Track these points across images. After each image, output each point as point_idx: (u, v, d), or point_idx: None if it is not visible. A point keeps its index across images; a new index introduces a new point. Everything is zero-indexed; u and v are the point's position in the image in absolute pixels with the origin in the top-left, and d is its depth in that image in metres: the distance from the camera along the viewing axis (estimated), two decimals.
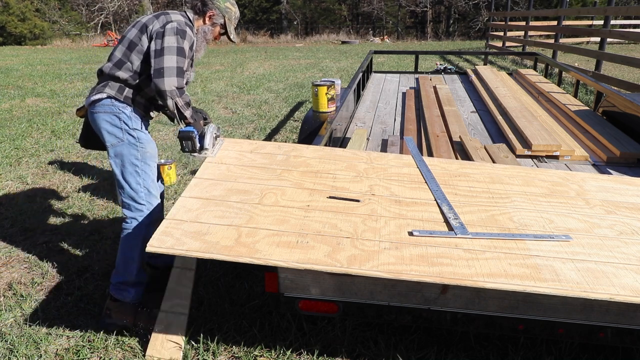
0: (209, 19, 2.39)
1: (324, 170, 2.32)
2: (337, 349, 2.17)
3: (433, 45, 19.70)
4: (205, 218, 1.85)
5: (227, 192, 2.06)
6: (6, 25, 23.49)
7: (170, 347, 2.16)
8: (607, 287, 1.55)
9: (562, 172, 2.53)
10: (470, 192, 2.19)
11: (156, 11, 2.25)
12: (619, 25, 15.23)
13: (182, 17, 2.30)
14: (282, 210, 1.93)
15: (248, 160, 2.37)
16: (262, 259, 1.63)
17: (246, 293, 2.61)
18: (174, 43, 2.17)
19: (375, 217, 1.92)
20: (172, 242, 1.70)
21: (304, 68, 12.15)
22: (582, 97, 6.81)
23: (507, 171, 2.47)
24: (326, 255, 1.66)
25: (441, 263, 1.64)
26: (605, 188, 2.34)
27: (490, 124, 3.88)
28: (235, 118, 6.82)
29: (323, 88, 3.39)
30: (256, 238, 1.74)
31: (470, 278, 1.56)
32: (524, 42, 11.80)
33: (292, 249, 1.69)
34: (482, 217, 1.97)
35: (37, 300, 2.61)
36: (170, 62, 2.14)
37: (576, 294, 1.53)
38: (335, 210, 1.96)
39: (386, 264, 1.63)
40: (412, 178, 2.31)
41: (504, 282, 1.55)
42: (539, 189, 2.29)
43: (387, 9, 29.17)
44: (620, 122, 3.53)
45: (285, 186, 2.13)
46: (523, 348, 2.14)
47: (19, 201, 3.96)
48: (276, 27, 29.50)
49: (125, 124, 2.27)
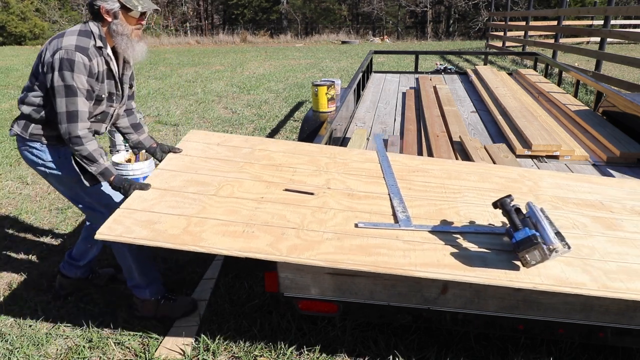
0: (107, 14, 2.01)
1: (286, 163, 2.36)
2: (337, 349, 2.18)
3: (433, 45, 19.70)
4: (159, 208, 1.89)
5: (186, 183, 2.09)
6: (6, 25, 23.48)
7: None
8: (533, 277, 1.59)
9: (522, 170, 2.58)
10: (425, 187, 2.24)
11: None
12: (619, 25, 15.22)
13: (78, 36, 1.99)
14: (236, 202, 1.97)
15: (213, 153, 2.40)
16: (205, 247, 1.67)
17: (246, 293, 2.61)
18: (60, 82, 1.93)
19: (325, 209, 1.96)
20: (121, 230, 1.74)
21: (304, 68, 12.14)
22: (582, 97, 6.80)
23: (466, 167, 2.53)
24: (268, 245, 1.70)
25: (378, 253, 1.68)
26: (560, 185, 2.39)
27: (490, 124, 3.88)
28: (235, 118, 6.82)
29: (323, 88, 3.39)
30: (204, 227, 1.77)
31: (402, 267, 1.61)
32: (524, 42, 11.80)
33: (236, 238, 1.72)
34: (430, 210, 2.02)
35: (37, 300, 2.61)
36: (61, 106, 1.96)
37: (502, 283, 1.57)
38: (287, 203, 1.99)
39: (325, 253, 1.67)
40: (371, 173, 2.34)
41: (434, 272, 1.60)
42: (493, 184, 2.34)
43: (387, 9, 29.16)
44: (620, 122, 3.53)
45: (244, 178, 2.18)
46: (523, 348, 2.14)
47: (19, 201, 3.96)
48: (276, 27, 29.49)
49: (40, 159, 2.16)
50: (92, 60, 1.99)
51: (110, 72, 2.11)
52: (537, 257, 1.57)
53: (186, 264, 2.95)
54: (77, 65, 1.94)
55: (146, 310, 2.41)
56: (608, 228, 1.96)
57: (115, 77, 2.14)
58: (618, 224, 2.01)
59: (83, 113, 2.00)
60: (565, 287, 1.55)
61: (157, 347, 2.21)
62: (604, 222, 2.01)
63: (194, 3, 31.32)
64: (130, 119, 2.40)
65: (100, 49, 2.04)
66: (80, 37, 1.99)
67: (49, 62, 1.96)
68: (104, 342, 2.27)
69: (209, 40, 24.58)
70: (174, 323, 2.37)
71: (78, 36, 1.99)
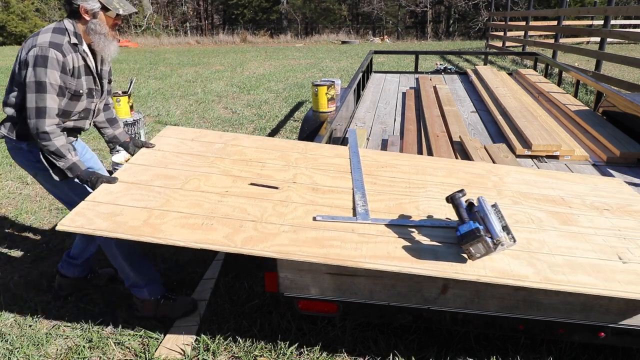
0: (86, 13, 2.04)
1: (256, 159, 2.38)
2: (337, 349, 2.18)
3: (433, 45, 19.70)
4: (123, 200, 1.90)
5: (154, 177, 2.11)
6: (6, 25, 23.50)
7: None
8: (478, 269, 1.61)
9: (490, 165, 2.61)
10: (390, 182, 2.26)
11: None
12: (619, 25, 15.23)
13: (52, 33, 2.02)
14: (200, 195, 1.99)
15: (186, 148, 2.42)
16: (162, 239, 1.69)
17: (246, 293, 2.61)
18: (32, 78, 1.96)
19: (287, 203, 1.98)
20: (83, 222, 1.75)
21: (304, 68, 12.15)
22: (582, 97, 6.80)
23: (434, 163, 2.55)
24: (224, 237, 1.71)
25: (331, 245, 1.69)
26: (525, 181, 2.42)
27: (490, 124, 3.88)
28: (235, 118, 6.82)
29: (323, 88, 3.39)
30: (165, 220, 1.79)
31: (352, 259, 1.63)
32: (524, 42, 11.80)
33: (195, 230, 1.74)
34: (390, 205, 2.03)
35: (37, 300, 2.61)
36: (30, 101, 1.98)
37: (447, 275, 1.59)
38: (251, 196, 2.01)
39: (279, 245, 1.68)
40: (339, 168, 2.36)
41: (383, 264, 1.62)
42: (459, 180, 2.36)
43: (387, 9, 29.16)
44: (620, 122, 3.53)
45: (212, 173, 2.19)
46: (523, 348, 2.14)
47: (19, 201, 3.96)
48: (276, 27, 29.49)
49: (28, 159, 2.18)
50: (66, 56, 2.01)
51: (87, 68, 2.14)
52: (482, 250, 1.60)
53: (186, 264, 2.95)
54: (51, 61, 1.96)
55: (146, 310, 2.41)
56: (563, 223, 1.99)
57: (93, 72, 2.17)
58: (574, 219, 2.04)
59: (52, 109, 2.01)
60: (508, 280, 1.57)
61: (157, 347, 2.21)
62: (560, 217, 2.04)
63: (194, 3, 31.32)
64: (106, 114, 2.42)
65: (75, 45, 2.07)
66: (54, 34, 2.02)
67: (24, 59, 1.99)
68: (104, 342, 2.27)
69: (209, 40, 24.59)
70: (174, 323, 2.37)
71: (52, 33, 2.02)
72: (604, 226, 1.99)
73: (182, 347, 2.19)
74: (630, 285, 1.57)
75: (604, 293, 1.55)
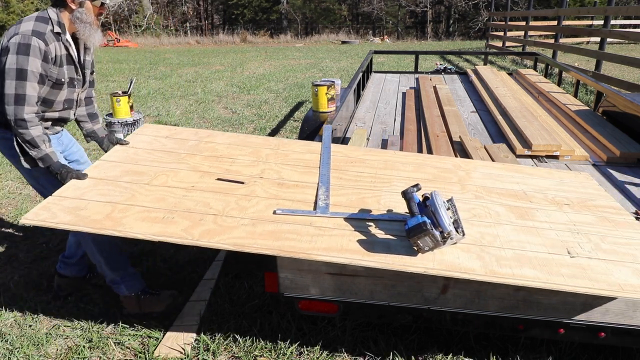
0: (73, 2, 2.05)
1: (227, 155, 2.40)
2: (337, 348, 2.18)
3: (433, 45, 19.70)
4: (89, 195, 1.93)
5: (123, 173, 2.13)
6: (6, 25, 23.47)
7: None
8: (426, 262, 1.63)
9: (459, 160, 2.63)
10: (356, 177, 2.28)
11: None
12: (619, 25, 15.23)
13: (35, 21, 2.02)
14: (166, 190, 2.01)
15: (159, 145, 2.44)
16: (122, 232, 1.72)
17: (246, 293, 2.61)
18: (14, 64, 1.95)
19: (250, 197, 2.00)
20: (46, 215, 1.78)
21: (304, 68, 12.15)
22: (582, 97, 6.80)
23: (404, 158, 2.57)
24: (183, 230, 1.74)
25: (287, 238, 1.71)
26: (491, 175, 2.44)
27: (490, 124, 3.88)
28: (235, 118, 6.82)
29: (323, 88, 3.39)
30: (127, 214, 1.81)
31: (305, 252, 1.64)
32: (524, 42, 11.80)
33: (155, 223, 1.77)
34: (352, 199, 2.05)
35: (37, 300, 2.61)
36: (10, 88, 1.96)
37: (395, 268, 1.61)
38: (216, 191, 2.03)
39: (235, 237, 1.70)
40: (308, 163, 2.38)
41: (335, 256, 1.63)
42: (426, 175, 2.38)
43: (387, 9, 29.17)
44: (620, 122, 3.53)
45: (181, 169, 2.21)
46: (523, 348, 2.14)
47: (19, 201, 3.96)
48: (276, 27, 29.50)
49: (11, 149, 2.16)
50: (48, 45, 2.01)
51: (69, 57, 2.15)
52: (429, 243, 1.61)
53: (186, 264, 2.95)
54: (33, 49, 1.96)
55: (130, 307, 2.42)
56: (520, 217, 2.00)
57: (75, 62, 2.18)
58: (532, 213, 2.05)
59: (31, 97, 2.01)
60: (455, 272, 1.58)
61: (157, 347, 2.21)
62: (518, 212, 2.05)
63: (194, 3, 31.32)
64: (87, 108, 2.44)
65: (58, 34, 2.07)
66: (37, 22, 2.02)
67: (5, 46, 1.99)
68: (104, 342, 2.27)
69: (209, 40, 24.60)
70: (174, 322, 2.37)
71: (35, 22, 2.02)
72: (559, 221, 2.00)
73: (182, 347, 2.19)
74: (574, 279, 1.58)
75: (546, 286, 1.56)
